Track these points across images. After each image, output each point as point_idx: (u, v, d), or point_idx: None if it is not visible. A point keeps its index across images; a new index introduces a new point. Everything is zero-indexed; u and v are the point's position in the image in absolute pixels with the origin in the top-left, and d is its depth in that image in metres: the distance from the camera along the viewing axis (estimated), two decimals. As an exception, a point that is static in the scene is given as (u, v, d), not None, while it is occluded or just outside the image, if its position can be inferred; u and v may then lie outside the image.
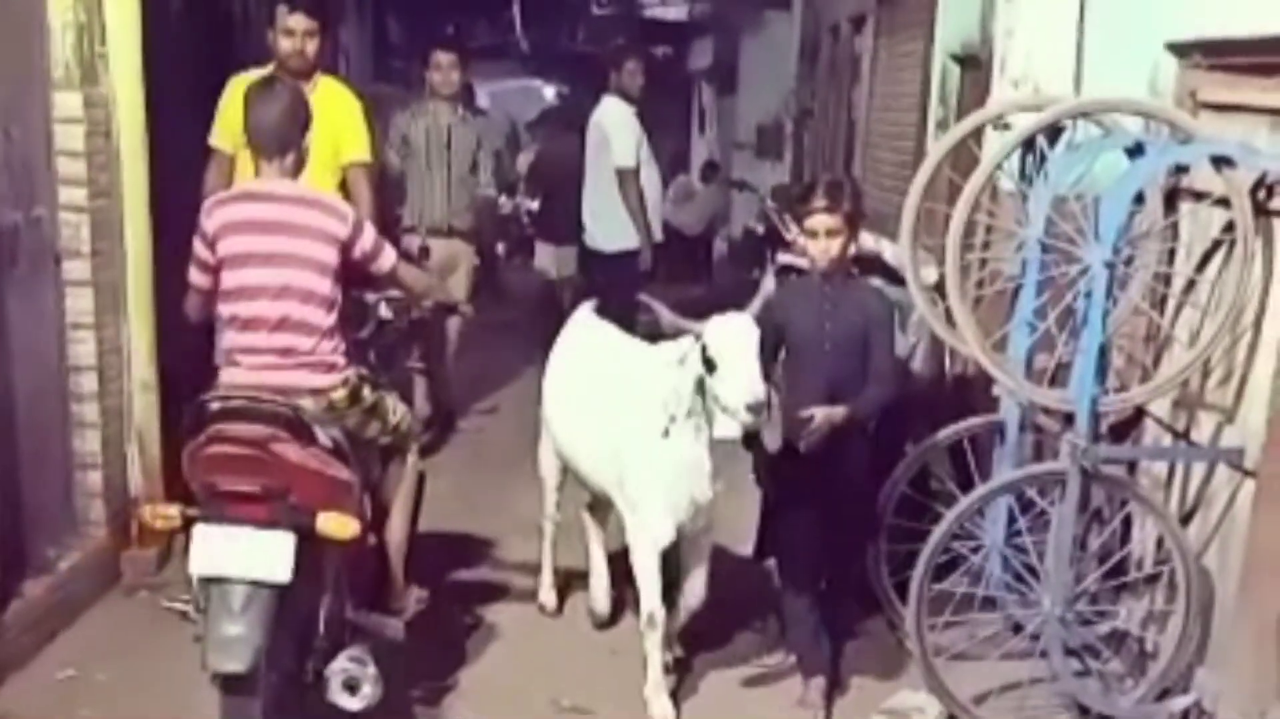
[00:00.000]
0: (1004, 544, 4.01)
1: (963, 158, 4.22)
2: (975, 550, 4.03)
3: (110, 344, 4.56)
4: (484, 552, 5.25)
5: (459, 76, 6.61)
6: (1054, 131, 3.95)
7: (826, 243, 3.83)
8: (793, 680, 4.08)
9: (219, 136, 5.07)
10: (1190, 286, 3.97)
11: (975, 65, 5.84)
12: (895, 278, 4.37)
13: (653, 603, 3.86)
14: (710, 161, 14.41)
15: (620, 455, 3.89)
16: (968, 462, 4.32)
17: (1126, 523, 4.01)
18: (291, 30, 4.98)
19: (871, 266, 4.38)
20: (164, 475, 4.70)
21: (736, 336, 3.50)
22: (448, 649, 4.32)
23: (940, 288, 4.07)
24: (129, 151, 4.54)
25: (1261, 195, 3.61)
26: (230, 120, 5.00)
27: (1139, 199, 3.79)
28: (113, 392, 4.59)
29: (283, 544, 3.13)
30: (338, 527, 3.22)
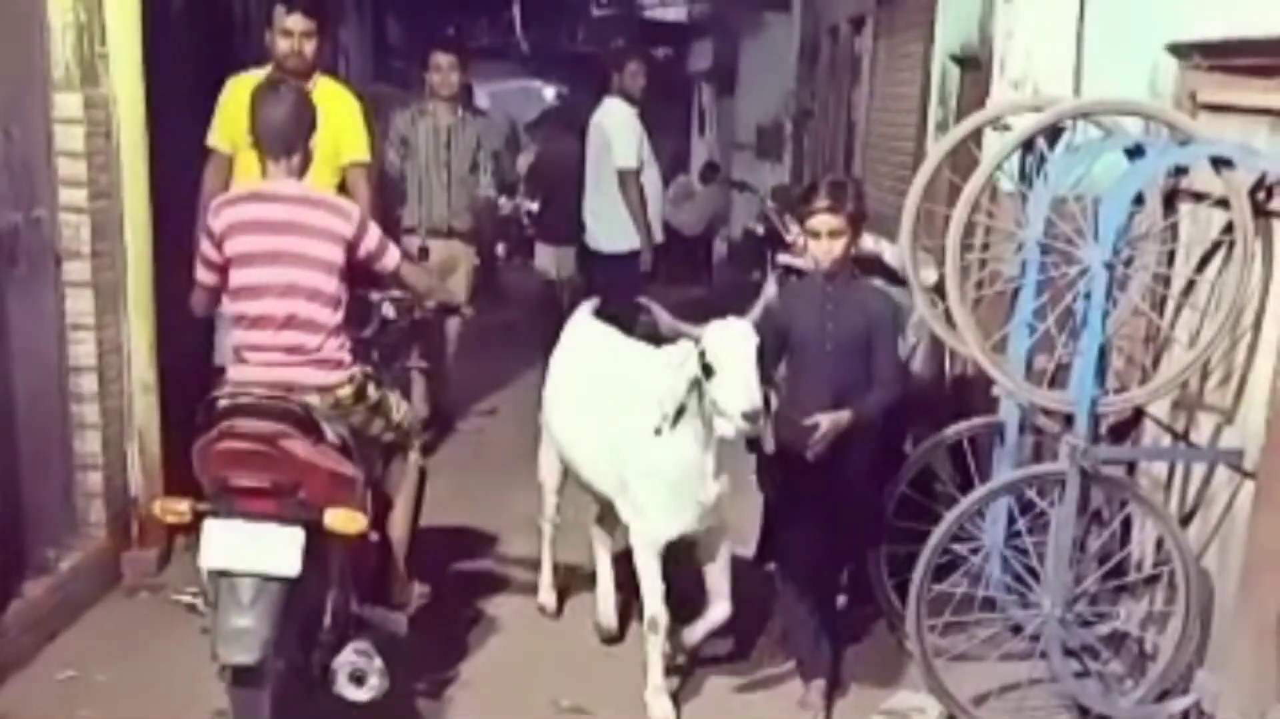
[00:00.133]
0: (1004, 545, 4.02)
1: (962, 159, 4.22)
2: (975, 551, 4.03)
3: (110, 345, 4.56)
4: (483, 551, 5.25)
5: (458, 77, 6.60)
6: (1053, 133, 3.95)
7: (829, 243, 3.82)
8: (793, 682, 4.09)
9: (217, 137, 5.07)
10: (1190, 288, 3.97)
11: (975, 66, 5.84)
12: (895, 279, 4.37)
13: (655, 606, 3.86)
14: (710, 162, 14.40)
15: (621, 458, 3.89)
16: (967, 463, 4.33)
17: (1126, 524, 4.01)
18: (289, 31, 4.98)
19: (871, 267, 4.38)
20: (164, 476, 4.70)
21: (735, 343, 3.47)
22: (447, 646, 4.32)
23: (940, 289, 4.07)
24: (129, 152, 4.54)
25: (1261, 196, 3.61)
26: (228, 121, 5.01)
27: (1138, 200, 3.79)
28: (113, 392, 4.59)
29: (291, 538, 3.17)
30: (345, 522, 3.26)
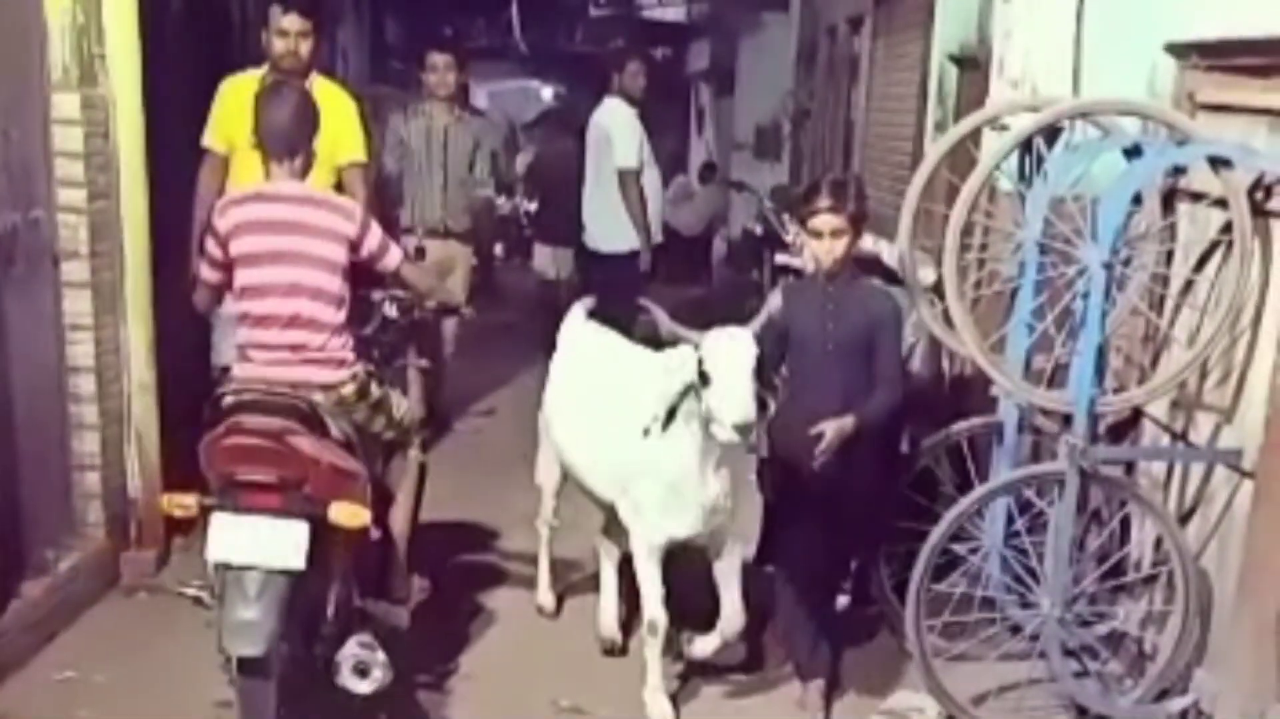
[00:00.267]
0: (1002, 545, 4.02)
1: (961, 159, 4.23)
2: (974, 552, 4.03)
3: (109, 345, 4.56)
4: (482, 547, 5.26)
5: (455, 78, 6.58)
6: (1052, 132, 3.95)
7: (831, 243, 3.80)
8: (792, 682, 4.08)
9: (212, 137, 5.06)
10: (1188, 287, 3.97)
11: (973, 66, 5.85)
12: (893, 278, 4.37)
13: (654, 609, 3.85)
14: (708, 162, 14.41)
15: (621, 459, 3.87)
16: (966, 463, 4.33)
17: (1125, 524, 4.01)
18: (285, 31, 4.96)
19: (870, 267, 4.39)
20: (163, 476, 4.69)
21: (733, 353, 3.43)
22: (447, 640, 4.34)
23: (938, 288, 4.08)
24: (127, 153, 4.53)
25: (1259, 196, 3.61)
26: (224, 121, 5.01)
27: (1137, 200, 3.80)
28: (111, 393, 4.59)
29: (297, 533, 3.22)
30: (349, 516, 3.31)
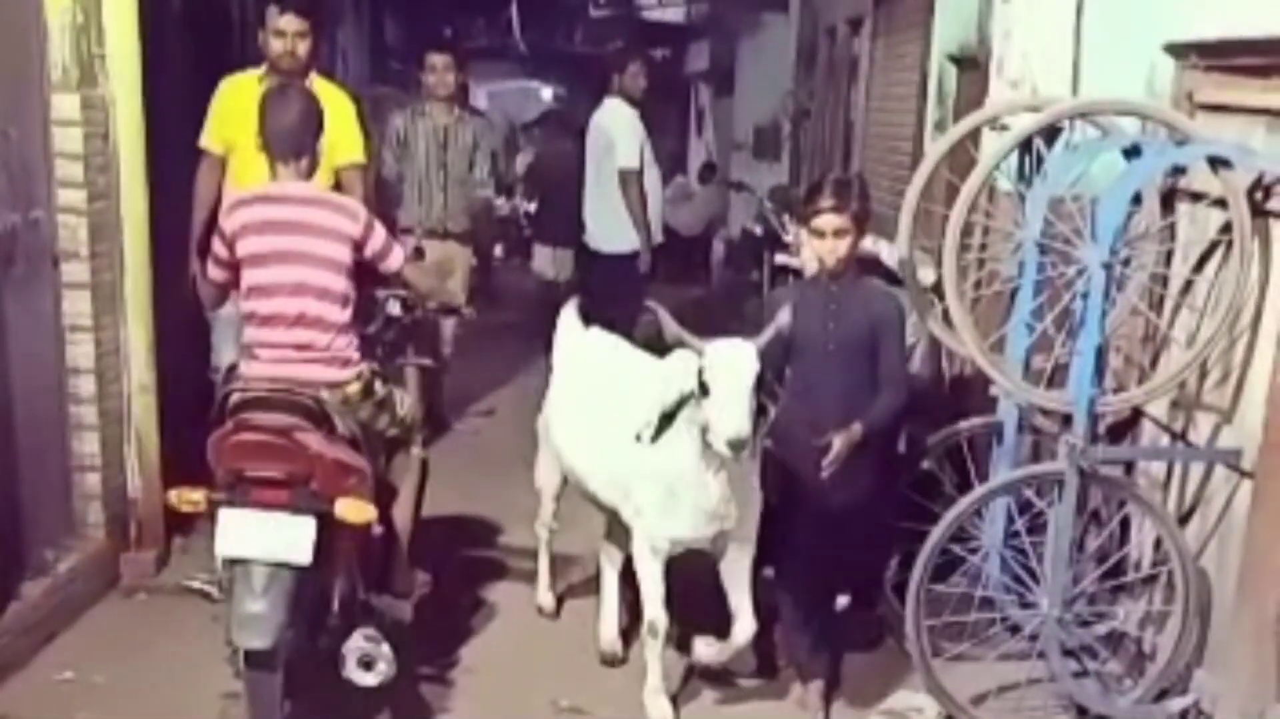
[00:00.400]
0: (1002, 545, 4.02)
1: (960, 159, 4.23)
2: (973, 552, 4.03)
3: (108, 346, 4.56)
4: (482, 545, 5.27)
5: (454, 78, 6.57)
6: (1051, 132, 3.96)
7: (833, 243, 3.78)
8: (792, 683, 4.08)
9: (209, 138, 5.06)
10: (1188, 287, 3.98)
11: (972, 66, 5.85)
12: (893, 279, 4.38)
13: (655, 610, 3.84)
14: (708, 163, 14.42)
15: (622, 461, 3.83)
16: (966, 463, 4.33)
17: (1124, 524, 4.01)
18: (282, 31, 4.95)
19: (869, 268, 4.38)
20: (163, 477, 4.69)
21: (735, 367, 3.38)
22: (448, 639, 4.36)
23: (938, 289, 4.08)
24: (127, 153, 4.53)
25: (1258, 196, 3.61)
26: (221, 122, 5.00)
27: (1136, 200, 3.80)
28: (111, 394, 4.59)
29: (304, 528, 3.28)
30: (355, 512, 3.36)
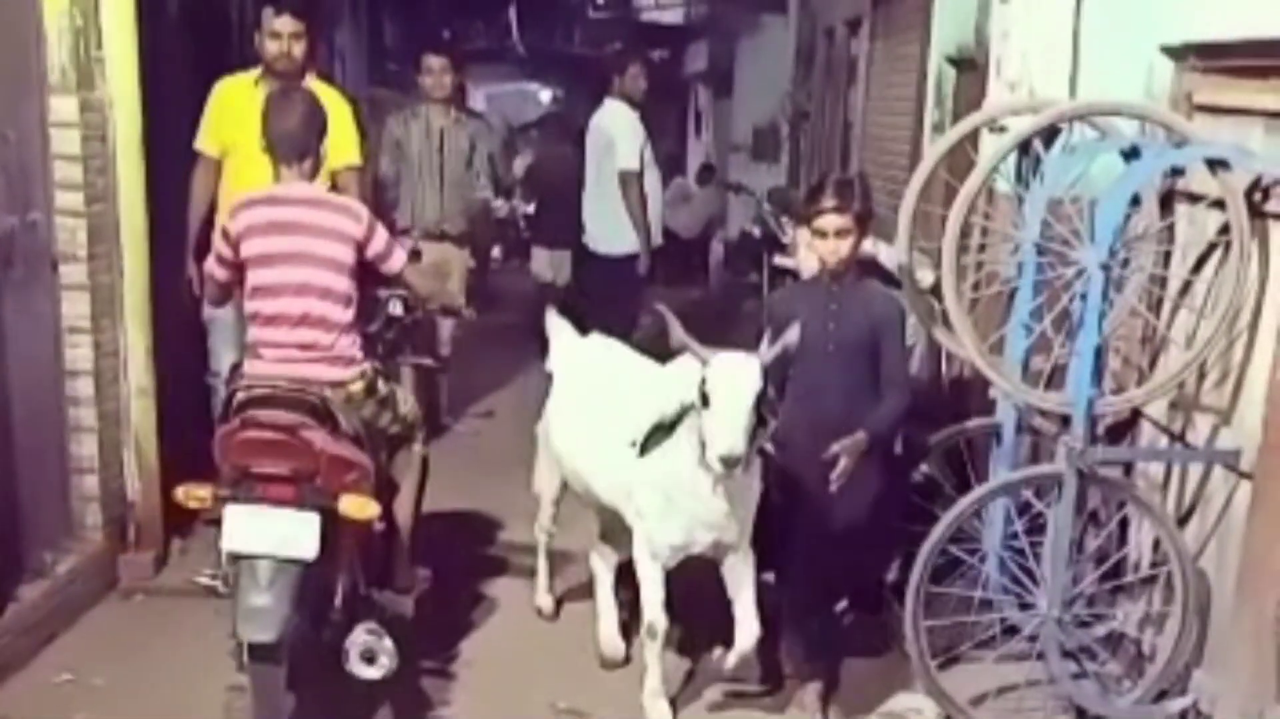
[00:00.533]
0: (1001, 546, 4.02)
1: (959, 160, 4.22)
2: (972, 553, 4.03)
3: (107, 348, 4.56)
4: (482, 542, 5.29)
5: (451, 80, 6.57)
6: (1050, 134, 3.96)
7: (835, 243, 3.77)
8: (791, 685, 4.08)
9: (205, 140, 5.06)
10: (1186, 289, 3.97)
11: (971, 68, 5.85)
12: (891, 280, 4.38)
13: (654, 612, 3.83)
14: (706, 164, 14.42)
15: (623, 466, 3.80)
16: (965, 464, 4.32)
17: (1123, 525, 4.01)
18: (278, 33, 4.93)
19: (868, 269, 4.38)
20: (161, 479, 4.69)
21: (736, 383, 3.36)
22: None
23: (937, 290, 4.07)
24: (125, 156, 4.53)
25: (1256, 197, 3.61)
26: (217, 125, 5.00)
27: (1135, 201, 3.79)
28: (109, 396, 4.59)
29: (309, 523, 3.33)
30: (358, 508, 3.42)
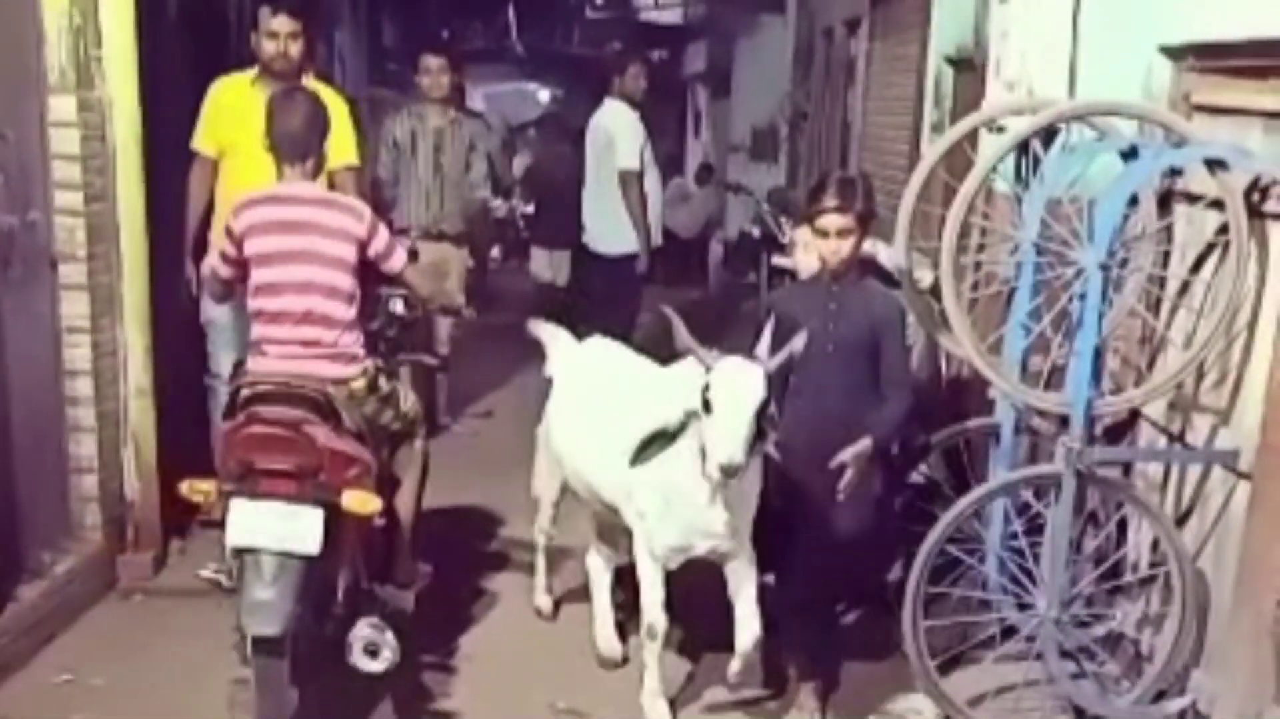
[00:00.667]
0: (1000, 547, 4.02)
1: (958, 160, 4.22)
2: (971, 553, 4.03)
3: (106, 348, 4.56)
4: (481, 544, 5.29)
5: (449, 80, 6.57)
6: (1048, 134, 3.96)
7: (837, 242, 3.74)
8: (792, 685, 4.07)
9: (201, 140, 5.05)
10: (1185, 289, 3.98)
11: (969, 68, 5.86)
12: (890, 281, 4.37)
13: (654, 613, 3.83)
14: (705, 164, 14.42)
15: (624, 467, 3.75)
16: (963, 464, 4.32)
17: (1122, 525, 4.01)
18: (275, 33, 4.93)
19: (867, 269, 4.38)
20: (160, 479, 4.70)
21: (740, 391, 3.32)
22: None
23: (936, 290, 4.07)
24: (124, 155, 4.53)
25: (1255, 197, 3.61)
26: (213, 124, 5.00)
27: (1133, 202, 3.79)
28: (108, 396, 4.59)
29: (313, 518, 3.35)
30: (361, 503, 3.45)
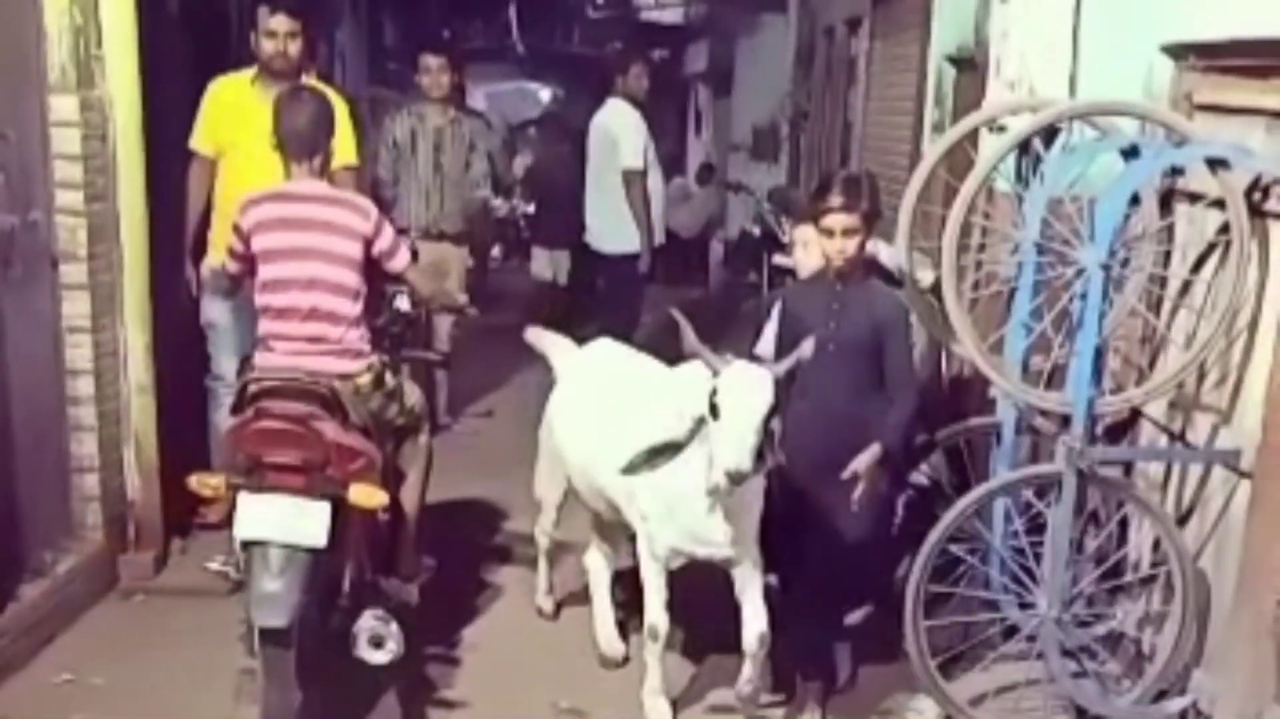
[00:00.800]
0: (1001, 546, 4.02)
1: (958, 160, 4.22)
2: (972, 552, 4.03)
3: (107, 347, 4.56)
4: (484, 541, 5.31)
5: (448, 79, 6.57)
6: (1049, 133, 3.95)
7: (842, 242, 3.71)
8: (790, 686, 4.08)
9: (199, 140, 5.06)
10: (1186, 288, 3.98)
11: (971, 67, 5.85)
12: (891, 280, 4.37)
13: (656, 614, 3.82)
14: (706, 164, 14.41)
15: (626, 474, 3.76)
16: (965, 464, 4.32)
17: (1123, 524, 4.01)
18: (273, 32, 4.93)
19: (870, 269, 4.37)
20: (161, 478, 4.70)
21: (748, 396, 3.28)
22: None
23: (937, 290, 4.07)
24: (125, 155, 4.53)
25: (1256, 197, 3.61)
26: (213, 124, 5.00)
27: (1134, 201, 3.80)
28: (109, 395, 4.59)
29: (320, 512, 3.40)
30: (367, 497, 3.49)
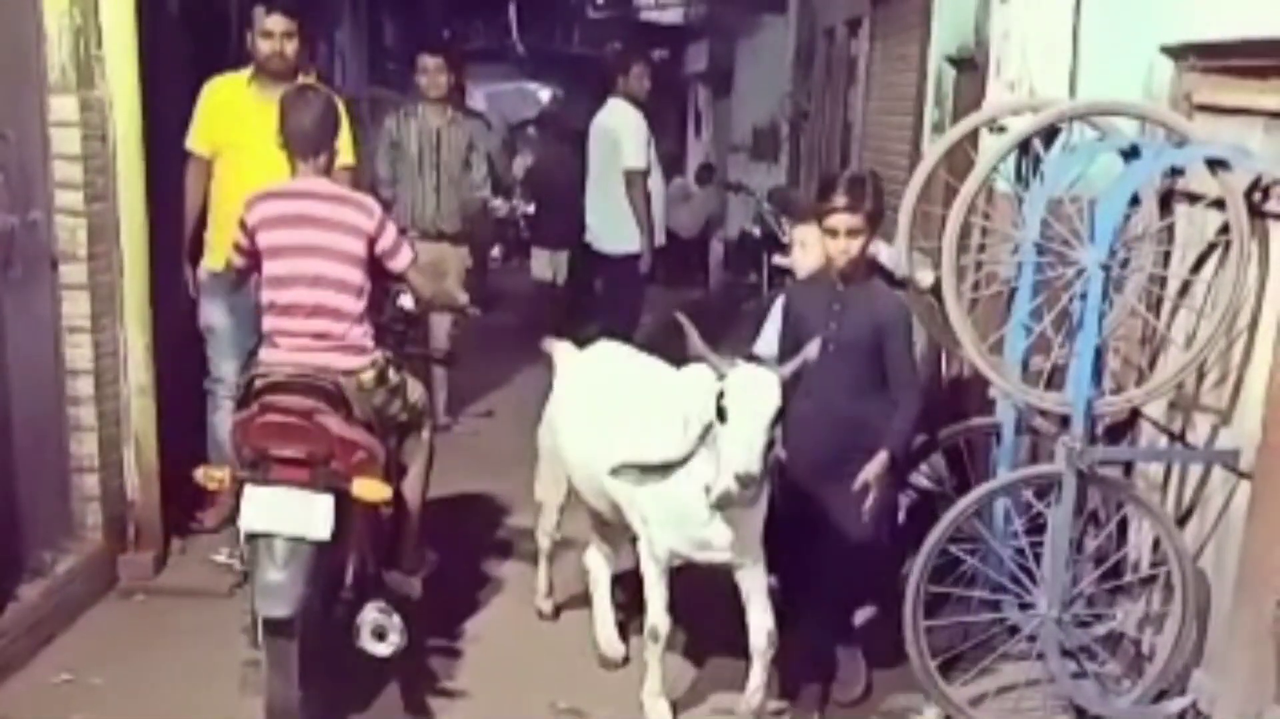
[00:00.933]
0: (1001, 546, 4.02)
1: (959, 160, 4.23)
2: (972, 553, 4.03)
3: (107, 348, 4.56)
4: (486, 536, 5.33)
5: (446, 79, 6.56)
6: (1049, 134, 3.96)
7: (846, 242, 3.71)
8: (790, 685, 4.08)
9: (195, 140, 5.05)
10: (1185, 289, 3.98)
11: (971, 68, 5.85)
12: (891, 281, 4.37)
13: (657, 615, 3.82)
14: (706, 164, 14.41)
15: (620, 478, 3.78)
16: (965, 464, 4.32)
17: (1123, 525, 4.01)
18: (270, 32, 4.92)
19: (869, 270, 4.37)
20: (161, 478, 4.70)
21: (755, 398, 3.27)
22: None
23: (937, 290, 4.08)
24: (125, 155, 4.53)
25: (1256, 197, 3.62)
26: (209, 125, 5.00)
27: (1134, 201, 3.80)
28: (109, 395, 4.59)
29: (324, 505, 3.44)
30: (371, 491, 3.54)
